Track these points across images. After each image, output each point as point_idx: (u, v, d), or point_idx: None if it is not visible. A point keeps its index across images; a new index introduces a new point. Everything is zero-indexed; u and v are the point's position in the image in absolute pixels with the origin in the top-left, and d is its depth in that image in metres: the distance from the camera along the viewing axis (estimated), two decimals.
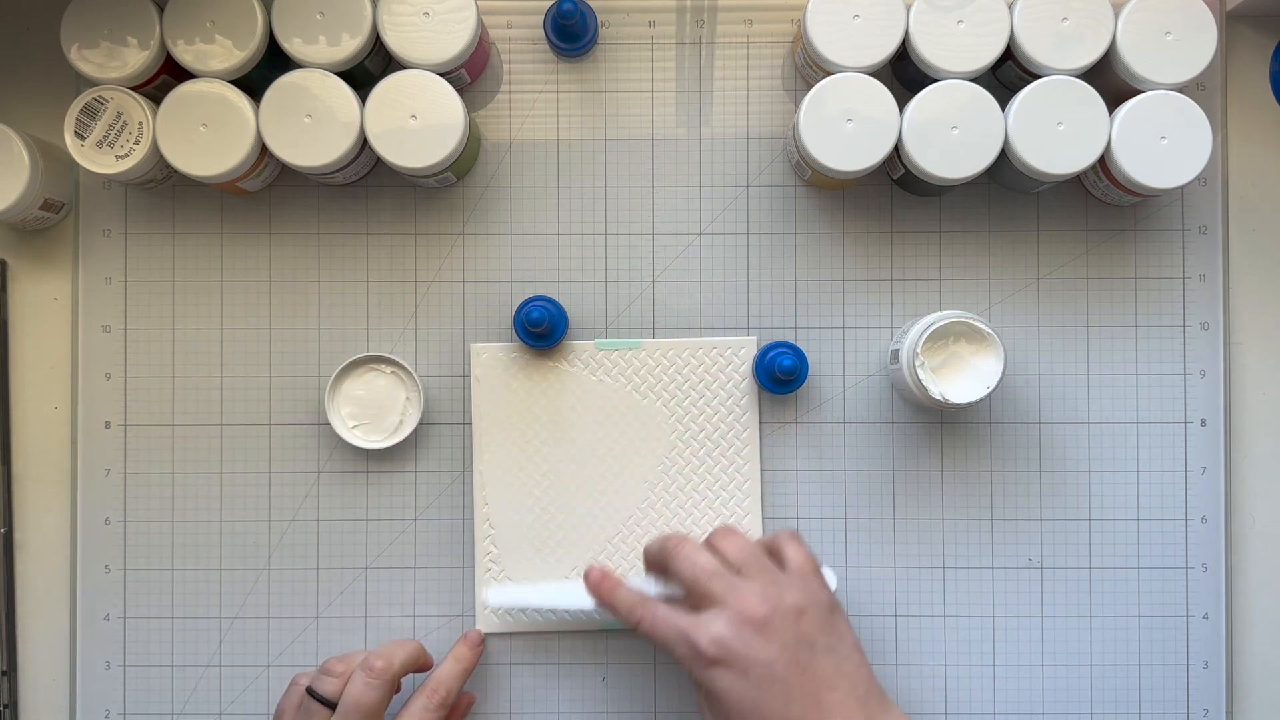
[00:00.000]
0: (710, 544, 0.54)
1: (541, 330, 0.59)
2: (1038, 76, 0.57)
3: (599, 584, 0.55)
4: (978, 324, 0.56)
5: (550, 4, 0.61)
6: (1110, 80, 0.57)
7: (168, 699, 0.62)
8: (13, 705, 0.62)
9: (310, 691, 0.56)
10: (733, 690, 0.50)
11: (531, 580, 0.61)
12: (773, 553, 0.55)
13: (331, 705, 0.55)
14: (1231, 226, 0.62)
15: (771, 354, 0.60)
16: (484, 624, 0.61)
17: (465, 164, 0.60)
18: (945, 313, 0.58)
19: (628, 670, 0.62)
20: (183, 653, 0.62)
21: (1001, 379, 0.56)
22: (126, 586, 0.62)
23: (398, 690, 0.58)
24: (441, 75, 0.57)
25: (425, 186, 0.62)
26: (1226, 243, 0.62)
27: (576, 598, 0.57)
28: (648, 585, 0.55)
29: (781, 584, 0.52)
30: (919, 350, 0.56)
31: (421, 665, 0.59)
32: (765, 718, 0.49)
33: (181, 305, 0.62)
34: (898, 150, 0.57)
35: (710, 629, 0.50)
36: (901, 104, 0.57)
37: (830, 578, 0.55)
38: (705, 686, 0.50)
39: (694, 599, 0.52)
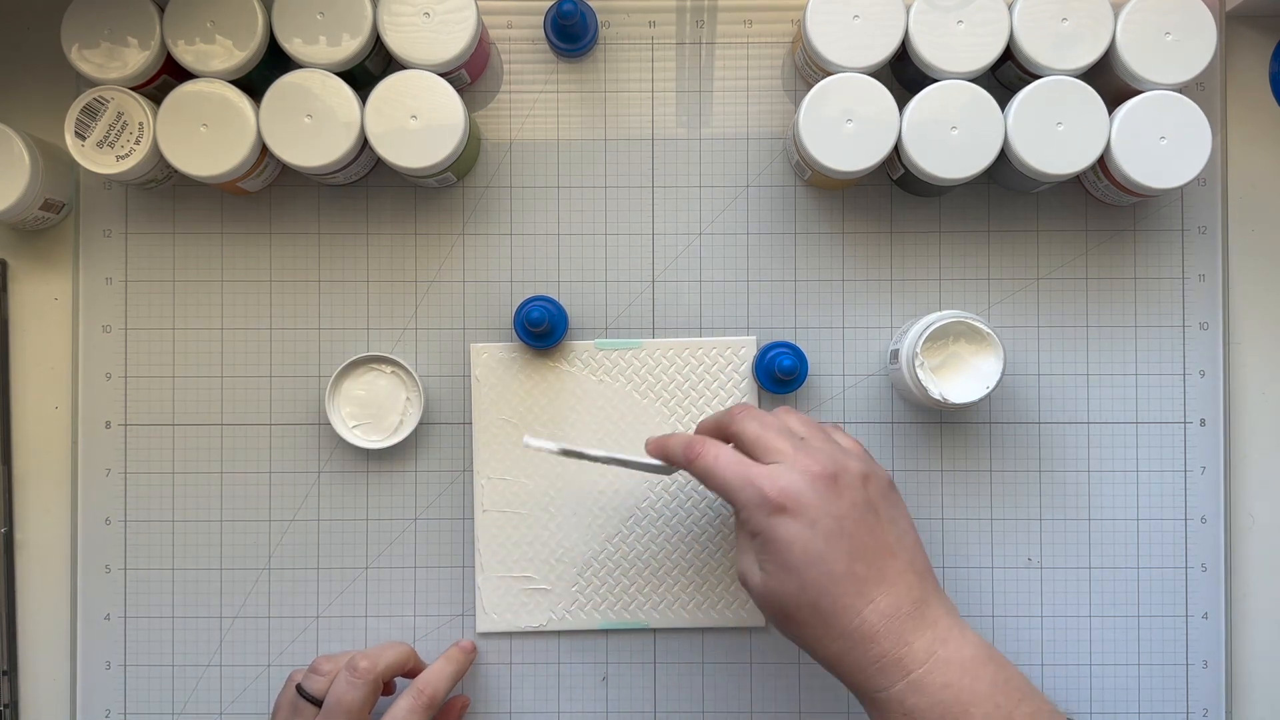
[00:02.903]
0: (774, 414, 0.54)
1: (541, 330, 0.59)
2: (1037, 77, 0.57)
3: (651, 440, 0.55)
4: (977, 324, 0.56)
5: (550, 4, 0.62)
6: (1110, 80, 0.57)
7: (168, 699, 0.62)
8: (13, 705, 0.61)
9: (299, 689, 0.56)
10: (799, 539, 0.48)
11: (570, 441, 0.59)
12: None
13: (319, 703, 0.55)
14: (1231, 226, 0.62)
15: (771, 354, 0.60)
16: (484, 624, 0.61)
17: (465, 164, 0.60)
18: (945, 313, 0.58)
19: (628, 670, 0.62)
20: (183, 653, 0.62)
21: (1001, 379, 0.56)
22: (126, 586, 0.62)
23: (390, 692, 0.58)
24: (442, 75, 0.57)
25: (425, 186, 0.62)
26: (1226, 243, 0.62)
27: (624, 451, 0.57)
28: None
29: (846, 452, 0.52)
30: (919, 350, 0.56)
31: (411, 668, 0.59)
32: (829, 569, 0.48)
33: (181, 305, 0.62)
34: (897, 150, 0.57)
35: (779, 478, 0.49)
36: (901, 104, 0.57)
37: None
38: (766, 535, 0.49)
39: (758, 455, 0.51)
